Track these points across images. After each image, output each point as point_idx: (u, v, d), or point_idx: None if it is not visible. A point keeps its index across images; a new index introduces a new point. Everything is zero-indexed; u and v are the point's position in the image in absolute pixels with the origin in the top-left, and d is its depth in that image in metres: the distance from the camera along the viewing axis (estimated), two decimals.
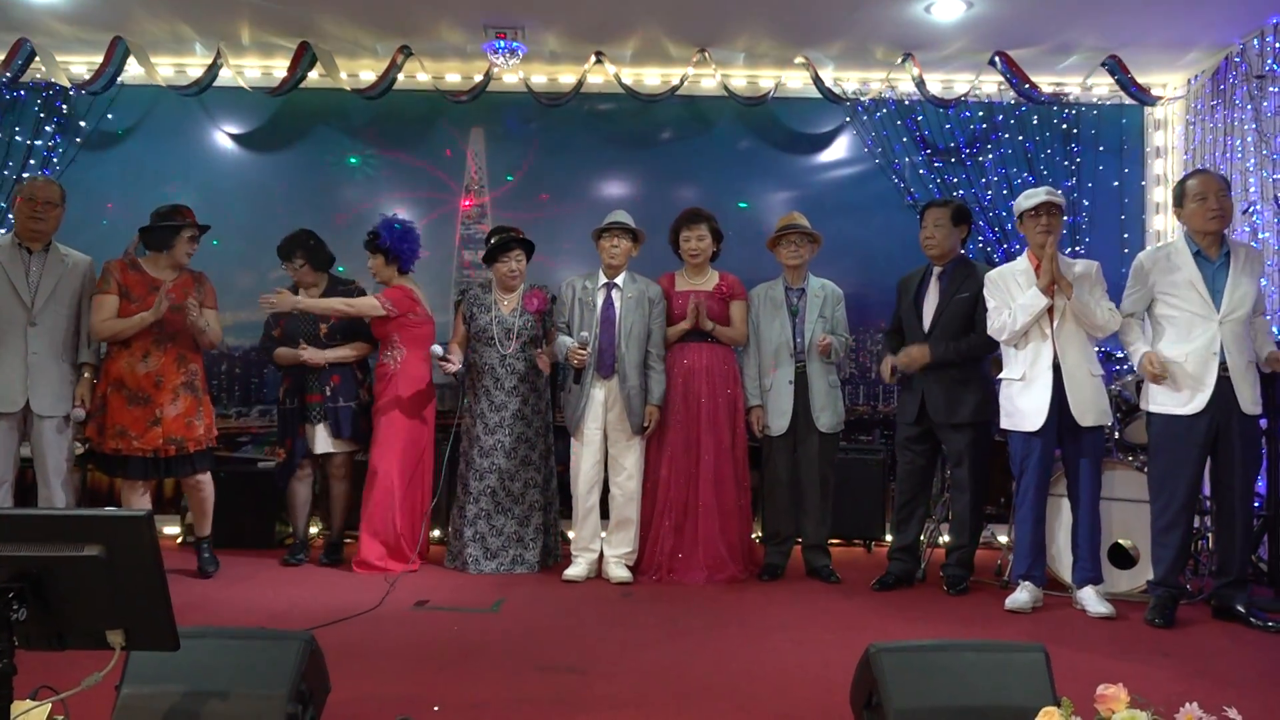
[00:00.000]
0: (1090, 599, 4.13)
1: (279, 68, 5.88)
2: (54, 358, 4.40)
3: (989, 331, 4.39)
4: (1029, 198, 4.31)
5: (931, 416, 4.62)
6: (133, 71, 5.79)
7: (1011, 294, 4.29)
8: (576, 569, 4.83)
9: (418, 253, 5.20)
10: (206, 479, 4.79)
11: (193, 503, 4.86)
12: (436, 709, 2.86)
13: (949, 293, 4.61)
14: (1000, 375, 4.43)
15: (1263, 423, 4.42)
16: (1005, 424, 4.37)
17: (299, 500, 5.17)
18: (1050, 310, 4.21)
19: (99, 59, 5.60)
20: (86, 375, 4.53)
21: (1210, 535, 4.57)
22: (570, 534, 5.03)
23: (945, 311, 4.60)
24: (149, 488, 4.77)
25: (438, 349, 4.90)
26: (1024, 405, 4.25)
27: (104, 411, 4.50)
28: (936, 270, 4.70)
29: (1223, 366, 3.97)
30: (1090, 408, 4.18)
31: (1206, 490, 4.38)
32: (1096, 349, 4.40)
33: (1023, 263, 4.35)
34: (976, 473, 4.59)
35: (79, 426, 4.60)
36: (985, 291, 4.42)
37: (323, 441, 5.03)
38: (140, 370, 4.52)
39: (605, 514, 4.97)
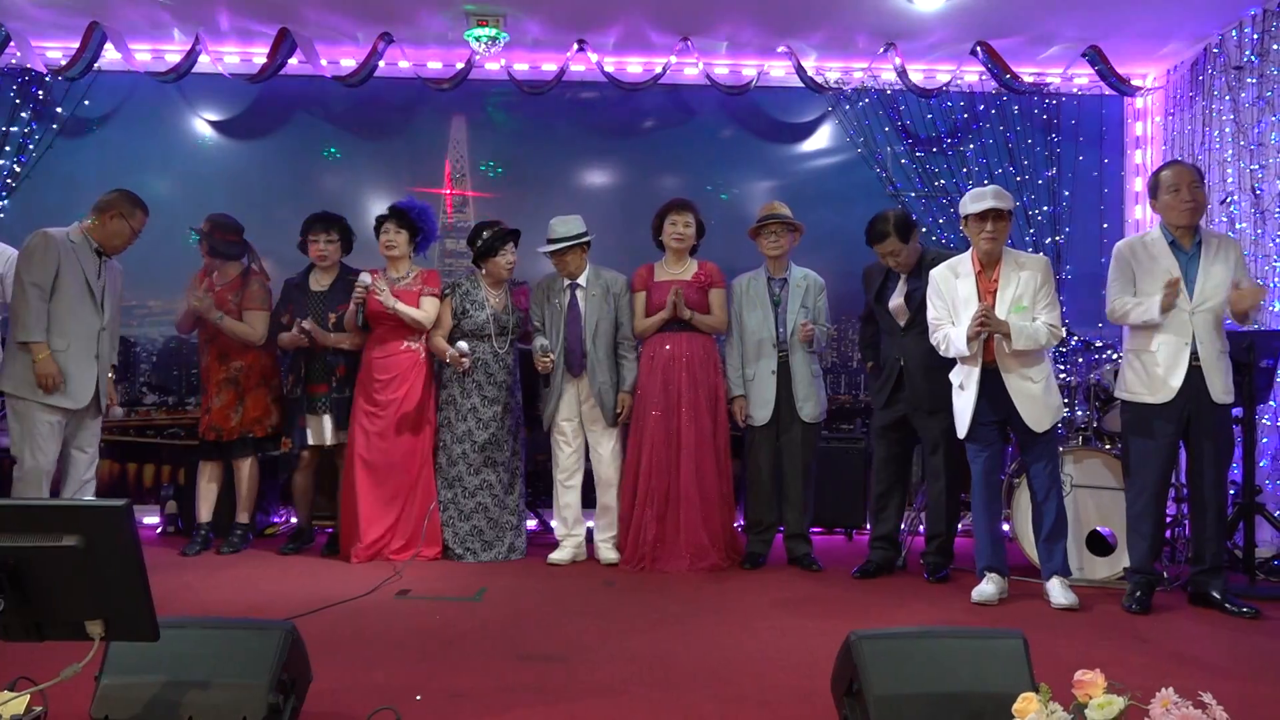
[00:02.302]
0: (1055, 591, 4.14)
1: (258, 54, 5.83)
2: (110, 358, 4.64)
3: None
4: (975, 200, 4.15)
5: (909, 402, 4.63)
6: (110, 57, 5.73)
7: (953, 302, 4.21)
8: (561, 553, 4.94)
9: (436, 234, 5.23)
10: (244, 466, 5.11)
11: (235, 487, 5.15)
12: (419, 698, 2.85)
13: (921, 292, 4.59)
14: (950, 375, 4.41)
15: (1238, 411, 4.47)
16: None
17: (300, 490, 5.17)
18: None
19: (75, 44, 5.54)
20: (111, 376, 4.72)
21: (1186, 522, 4.61)
22: (553, 523, 5.10)
23: (921, 310, 4.57)
24: (214, 468, 5.14)
25: (464, 345, 4.86)
26: (959, 410, 4.27)
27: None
28: (903, 275, 4.66)
29: (1194, 356, 3.99)
30: (1042, 413, 4.13)
31: (1185, 478, 4.42)
32: (1065, 343, 4.36)
33: (965, 264, 4.25)
34: (951, 460, 4.61)
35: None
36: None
37: (329, 433, 5.01)
38: (201, 365, 5.15)
39: (587, 502, 5.06)
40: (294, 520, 5.45)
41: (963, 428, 4.23)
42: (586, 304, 4.93)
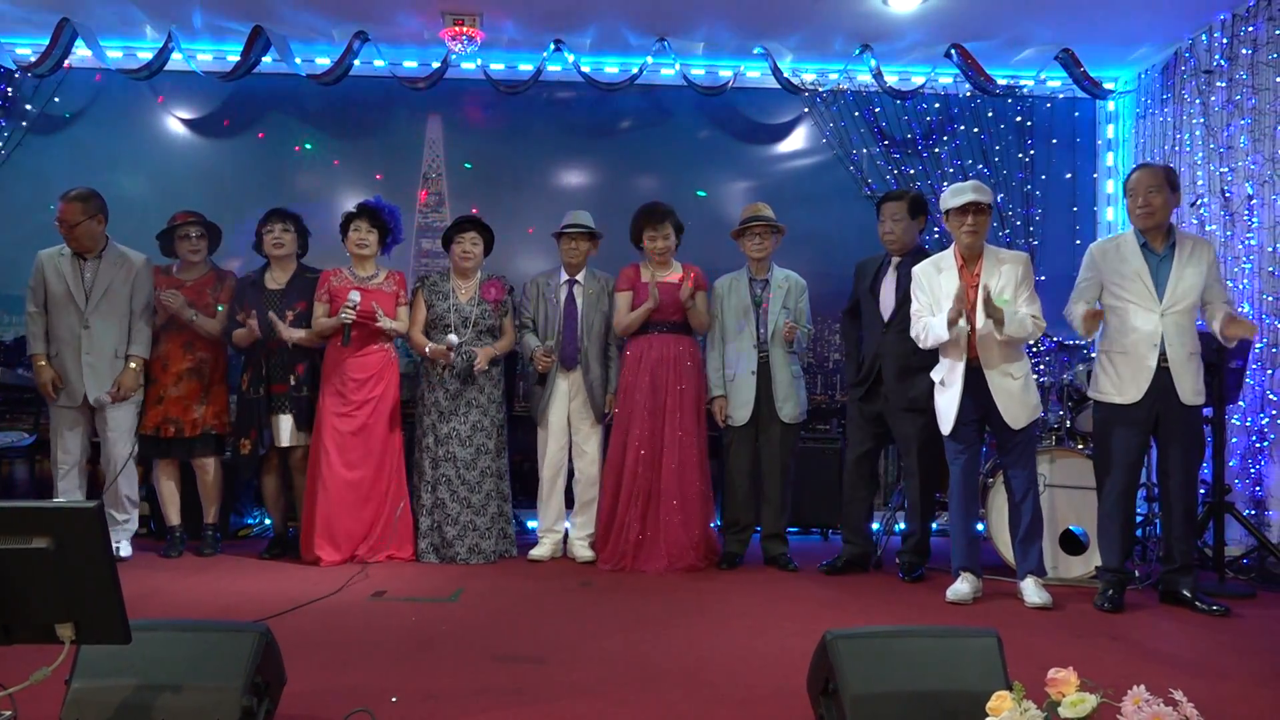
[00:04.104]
0: (1029, 590, 4.16)
1: (232, 52, 5.78)
2: (108, 354, 4.78)
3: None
4: (956, 194, 4.18)
5: (886, 397, 4.66)
6: (81, 54, 5.67)
7: (937, 296, 4.23)
8: (542, 549, 5.00)
9: (403, 235, 5.23)
10: (209, 464, 5.01)
11: (200, 487, 5.06)
12: (394, 700, 2.84)
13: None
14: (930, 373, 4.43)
15: (1208, 411, 4.52)
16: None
17: (271, 493, 5.08)
18: (972, 318, 4.12)
19: (45, 41, 5.48)
20: (132, 366, 4.83)
21: (1158, 522, 4.66)
22: (529, 524, 5.10)
23: (907, 302, 4.61)
24: (172, 466, 5.03)
25: (453, 338, 4.86)
26: (940, 407, 4.28)
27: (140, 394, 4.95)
28: (895, 261, 4.71)
29: (1163, 357, 4.02)
30: (1020, 410, 4.16)
31: (1156, 478, 4.47)
32: (1040, 344, 4.38)
33: (947, 259, 4.27)
34: (925, 459, 4.63)
35: (139, 418, 4.92)
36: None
37: (287, 433, 4.94)
38: (152, 355, 4.93)
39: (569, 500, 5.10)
40: (267, 522, 5.40)
41: (947, 424, 4.23)
42: (583, 301, 5.01)
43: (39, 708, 2.42)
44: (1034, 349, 5.65)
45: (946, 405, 4.24)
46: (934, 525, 4.96)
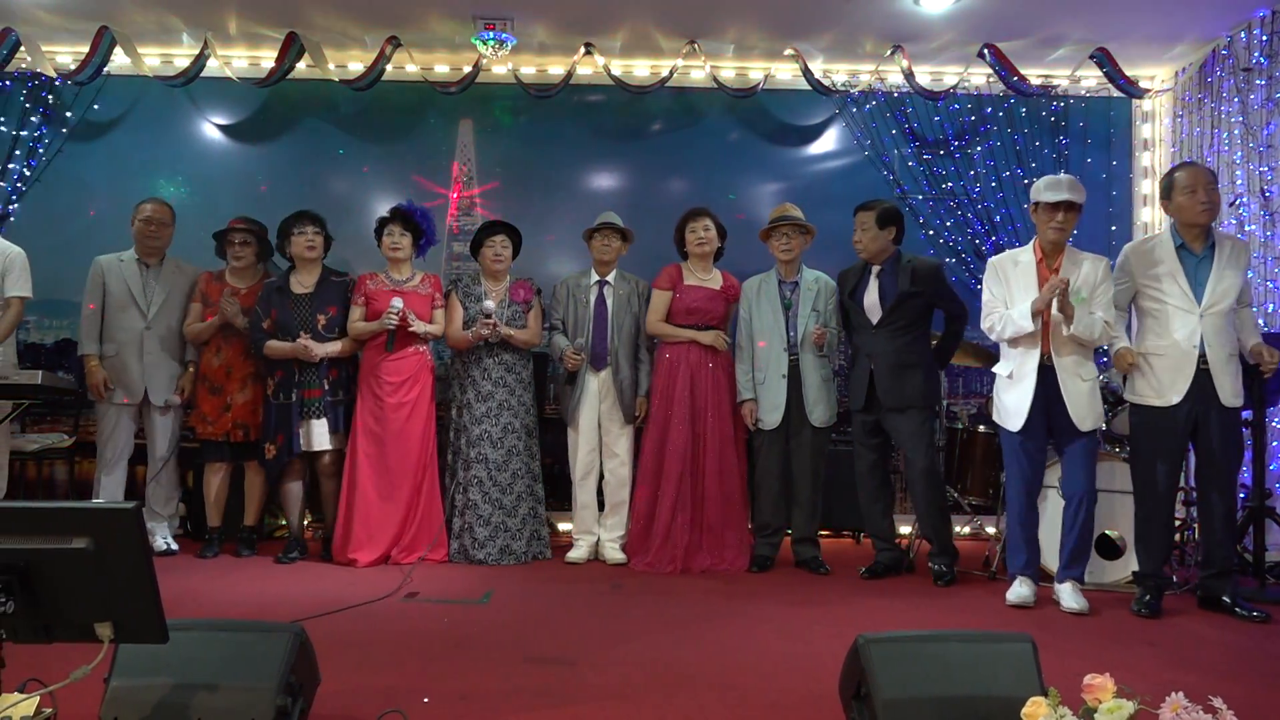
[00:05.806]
0: (1065, 594, 4.12)
1: (267, 58, 5.85)
2: (166, 356, 5.06)
3: (982, 327, 4.36)
4: (1051, 189, 4.12)
5: (880, 400, 4.64)
6: (119, 62, 5.75)
7: (1010, 287, 4.23)
8: (578, 551, 5.02)
9: (436, 238, 5.32)
10: (259, 467, 5.09)
11: (248, 488, 5.17)
12: (426, 700, 2.86)
13: (894, 290, 4.63)
14: (994, 368, 4.42)
15: (1247, 414, 4.44)
16: (996, 419, 4.37)
17: (293, 497, 5.07)
18: (1046, 313, 4.10)
19: (85, 49, 5.56)
20: (190, 370, 5.12)
21: (1196, 526, 4.59)
22: (561, 525, 5.11)
23: (895, 309, 4.63)
24: (226, 470, 5.14)
25: (489, 304, 4.91)
26: (1009, 403, 4.23)
27: (195, 401, 5.11)
28: (875, 269, 4.74)
29: (1202, 359, 3.97)
30: (1087, 413, 4.13)
31: (1194, 482, 4.40)
32: None
33: (1027, 254, 4.25)
34: (927, 466, 4.61)
35: (182, 415, 5.20)
36: (985, 279, 4.38)
37: (320, 438, 4.95)
38: (215, 363, 5.07)
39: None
40: (283, 524, 5.43)
41: (1017, 419, 4.17)
42: (614, 301, 5.06)
43: (78, 705, 2.46)
44: None
45: (1016, 401, 4.19)
46: (966, 529, 4.93)
